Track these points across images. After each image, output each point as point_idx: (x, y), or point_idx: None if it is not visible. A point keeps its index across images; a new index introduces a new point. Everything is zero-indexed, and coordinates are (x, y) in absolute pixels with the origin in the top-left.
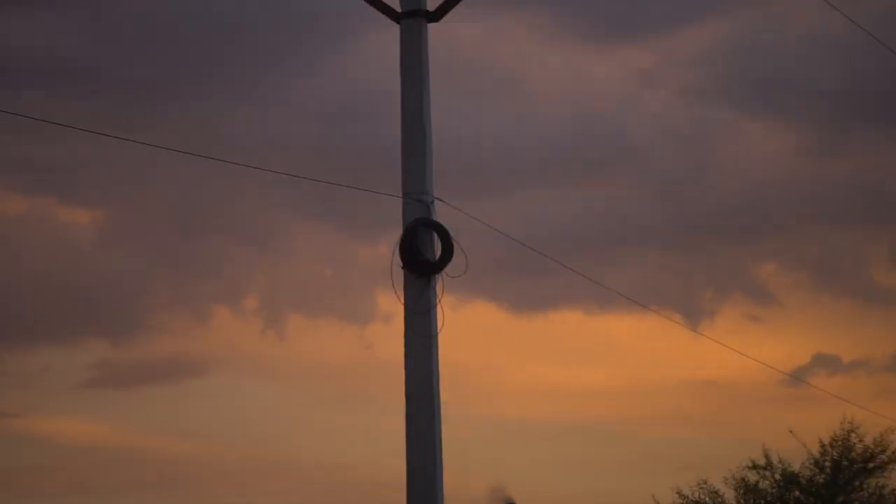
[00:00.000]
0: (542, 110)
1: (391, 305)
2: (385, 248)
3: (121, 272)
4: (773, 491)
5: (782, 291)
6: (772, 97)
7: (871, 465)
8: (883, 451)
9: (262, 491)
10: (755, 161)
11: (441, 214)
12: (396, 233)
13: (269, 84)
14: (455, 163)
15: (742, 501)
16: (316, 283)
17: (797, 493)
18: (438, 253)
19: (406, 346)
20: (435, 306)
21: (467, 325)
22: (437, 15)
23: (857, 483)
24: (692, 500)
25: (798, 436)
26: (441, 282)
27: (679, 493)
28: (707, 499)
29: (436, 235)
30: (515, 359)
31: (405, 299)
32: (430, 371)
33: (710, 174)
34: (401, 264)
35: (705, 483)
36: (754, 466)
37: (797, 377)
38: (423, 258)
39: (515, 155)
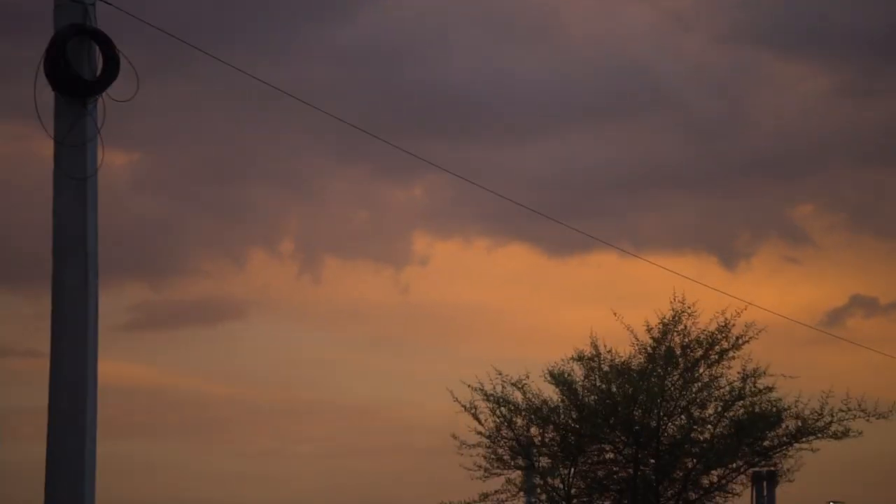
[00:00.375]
0: (575, 53)
1: (426, 248)
2: (420, 192)
3: (157, 215)
4: (600, 386)
5: (819, 233)
6: (807, 39)
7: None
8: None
9: (298, 433)
10: (791, 103)
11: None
12: (432, 177)
13: None
14: (488, 105)
15: (562, 400)
16: (350, 225)
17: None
18: (100, 69)
19: (55, 189)
20: (94, 138)
21: (502, 268)
22: None
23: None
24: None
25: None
26: (103, 106)
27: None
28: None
29: (96, 47)
30: (550, 301)
31: (54, 129)
32: (85, 223)
33: (745, 117)
34: (47, 84)
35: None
36: (580, 358)
37: (819, 328)
38: (77, 75)
39: (548, 98)
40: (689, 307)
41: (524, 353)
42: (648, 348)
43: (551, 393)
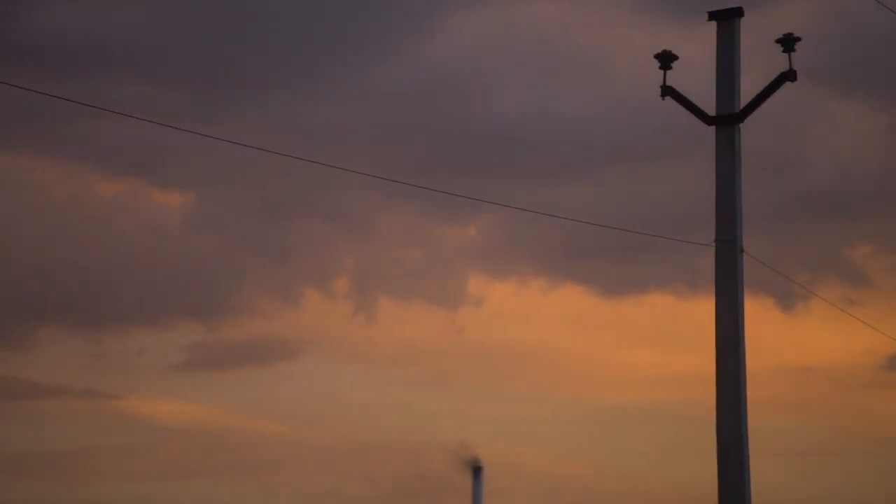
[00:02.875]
0: (627, 91)
1: (480, 289)
2: (474, 231)
3: (211, 255)
4: None
5: (879, 275)
6: (865, 77)
7: None
8: None
9: (354, 473)
10: (848, 142)
11: None
12: (486, 216)
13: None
14: (548, 145)
15: None
16: (405, 265)
17: None
18: None
19: None
20: None
21: (557, 308)
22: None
23: None
24: None
25: None
26: None
27: None
28: None
29: None
30: (606, 342)
31: None
32: None
33: (802, 155)
34: None
35: None
36: None
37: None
38: None
39: (600, 135)
40: None
41: (579, 393)
42: None
43: None
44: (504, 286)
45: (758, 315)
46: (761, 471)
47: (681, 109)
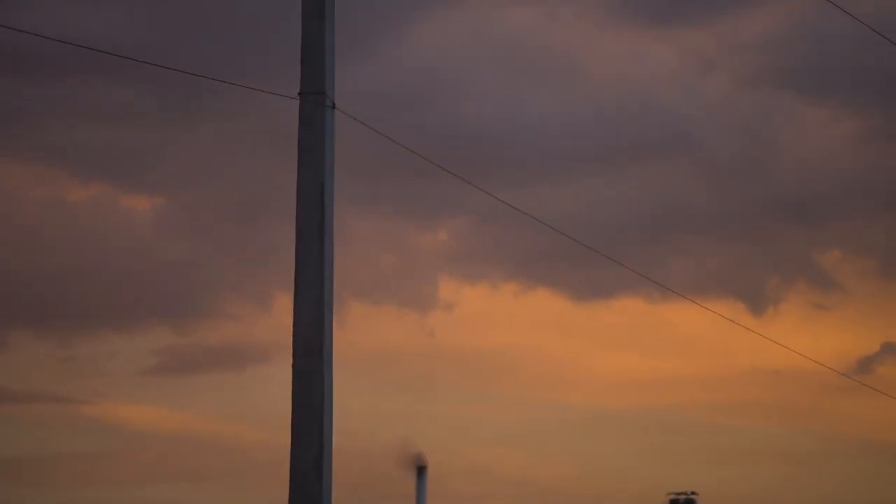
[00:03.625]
0: (599, 95)
1: (451, 293)
2: (445, 235)
3: (182, 259)
4: None
5: (848, 279)
6: (833, 83)
7: None
8: None
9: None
10: (817, 147)
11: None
12: (455, 220)
13: None
14: (507, 147)
15: None
16: (375, 269)
17: None
18: None
19: None
20: None
21: (528, 313)
22: None
23: None
24: None
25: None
26: None
27: None
28: None
29: None
30: (577, 347)
31: None
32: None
33: (771, 160)
34: None
35: None
36: None
37: (846, 375)
38: None
39: (569, 139)
40: None
41: (552, 397)
42: None
43: None
44: (475, 290)
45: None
46: (733, 474)
47: None
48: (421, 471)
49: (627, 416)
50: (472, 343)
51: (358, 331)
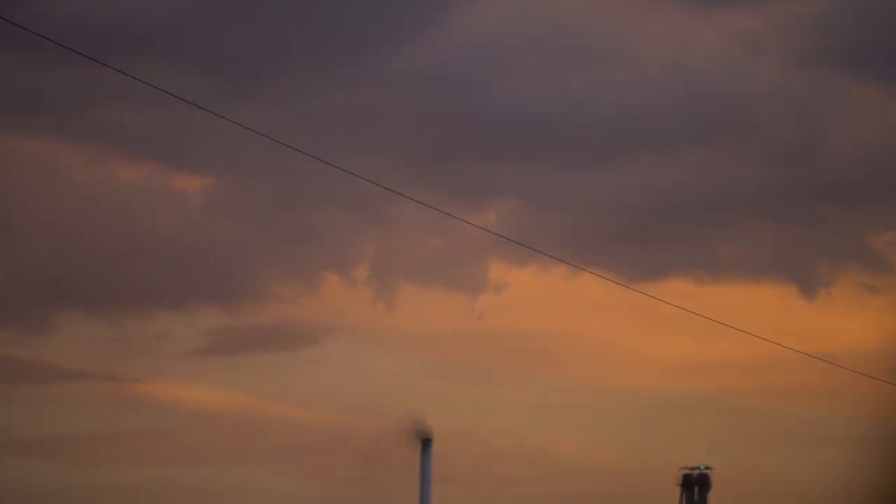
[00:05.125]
0: (648, 78)
1: (500, 275)
2: (493, 217)
3: (231, 240)
4: None
5: None
6: (884, 61)
7: None
8: None
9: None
10: (869, 127)
11: None
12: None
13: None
14: (560, 130)
15: None
16: (425, 252)
17: None
18: None
19: None
20: None
21: (579, 295)
22: None
23: None
24: None
25: None
26: None
27: None
28: None
29: None
30: (628, 330)
31: None
32: None
33: (822, 142)
34: None
35: None
36: None
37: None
38: None
39: (621, 123)
40: None
41: (601, 380)
42: None
43: None
44: (523, 273)
45: (780, 301)
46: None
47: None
48: (426, 443)
49: (677, 399)
50: (521, 326)
51: (407, 313)
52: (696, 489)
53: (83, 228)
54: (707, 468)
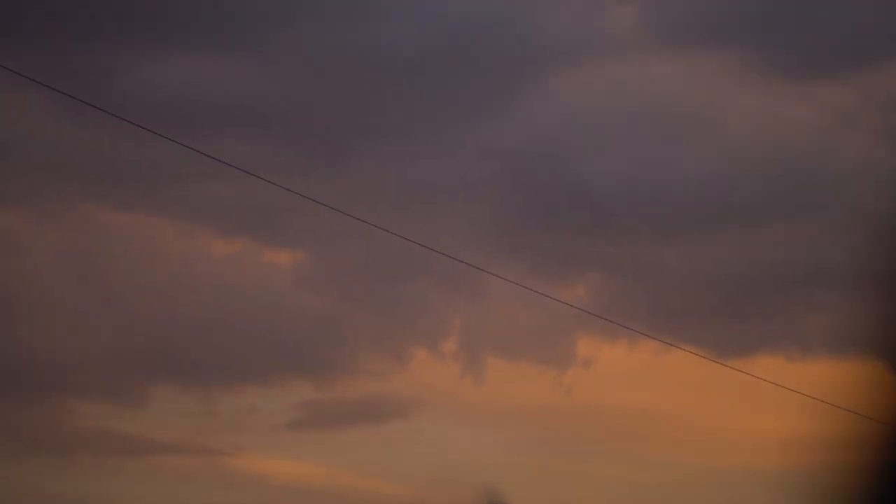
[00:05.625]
0: (732, 151)
1: (589, 350)
2: (582, 291)
3: (321, 314)
4: None
5: None
6: None
7: None
8: None
9: None
10: None
11: None
12: (594, 275)
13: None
14: (655, 205)
15: None
16: (513, 325)
17: None
18: None
19: None
20: None
21: (669, 371)
22: None
23: None
24: None
25: None
26: None
27: None
28: None
29: None
30: (716, 405)
31: None
32: None
33: None
34: None
35: None
36: None
37: None
38: None
39: (707, 197)
40: None
41: (692, 459)
42: None
43: None
44: (613, 348)
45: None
46: None
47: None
48: None
49: (765, 477)
50: (609, 401)
51: (496, 387)
52: None
53: (176, 303)
54: None
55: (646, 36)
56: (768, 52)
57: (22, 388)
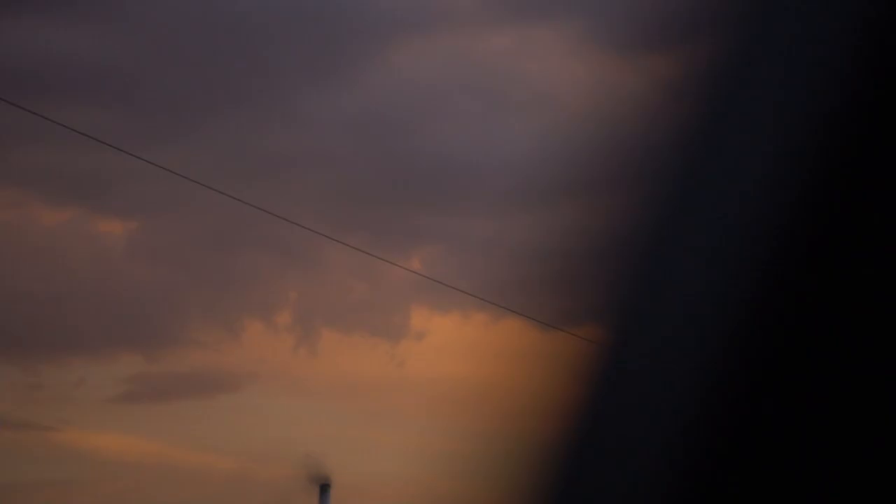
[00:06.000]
0: (573, 126)
1: (422, 322)
2: (418, 264)
3: (153, 285)
4: None
5: None
6: None
7: None
8: None
9: None
10: None
11: None
12: (429, 248)
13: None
14: (483, 177)
15: None
16: (348, 298)
17: None
18: None
19: None
20: None
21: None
22: None
23: None
24: None
25: None
26: None
27: None
28: None
29: None
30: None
31: None
32: None
33: None
34: None
35: None
36: None
37: None
38: None
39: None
40: None
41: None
42: None
43: None
44: (445, 319)
45: None
46: None
47: None
48: (324, 489)
49: None
50: (441, 373)
51: (330, 360)
52: None
53: (2, 273)
54: None
55: (489, 7)
56: (607, 24)
57: None
